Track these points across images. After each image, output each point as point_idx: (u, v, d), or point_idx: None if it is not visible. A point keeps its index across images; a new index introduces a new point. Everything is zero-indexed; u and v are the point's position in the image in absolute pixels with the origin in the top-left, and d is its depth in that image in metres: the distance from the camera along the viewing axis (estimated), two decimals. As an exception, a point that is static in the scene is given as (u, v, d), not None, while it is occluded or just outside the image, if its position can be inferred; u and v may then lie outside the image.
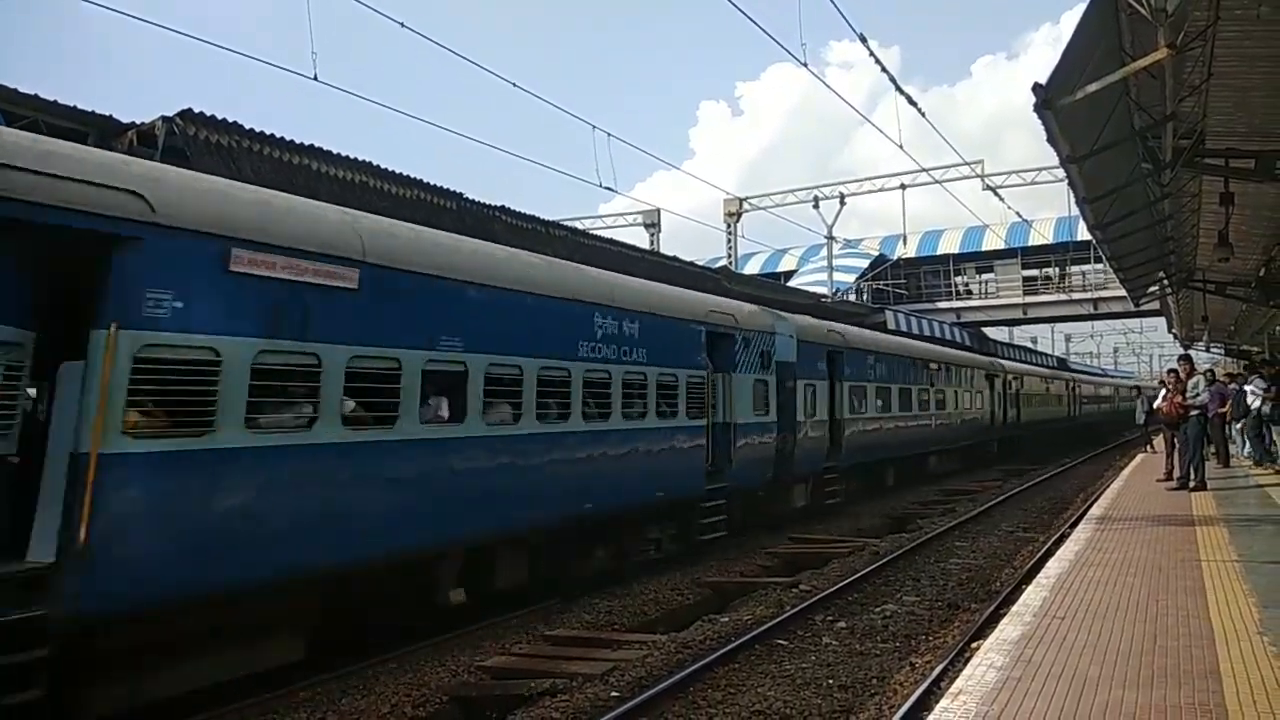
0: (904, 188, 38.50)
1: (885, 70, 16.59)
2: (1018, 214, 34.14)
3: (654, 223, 41.63)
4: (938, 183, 33.58)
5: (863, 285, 46.56)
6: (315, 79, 13.16)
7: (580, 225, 31.62)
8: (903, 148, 22.03)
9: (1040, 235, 42.14)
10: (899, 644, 9.04)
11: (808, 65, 17.12)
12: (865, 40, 15.67)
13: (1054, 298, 46.53)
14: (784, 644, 9.07)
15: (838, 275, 41.00)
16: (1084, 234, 24.23)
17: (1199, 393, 15.43)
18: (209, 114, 9.99)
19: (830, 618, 10.09)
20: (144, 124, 9.50)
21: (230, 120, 10.15)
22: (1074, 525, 13.18)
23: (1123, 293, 29.15)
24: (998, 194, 28.74)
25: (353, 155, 11.60)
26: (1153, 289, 25.05)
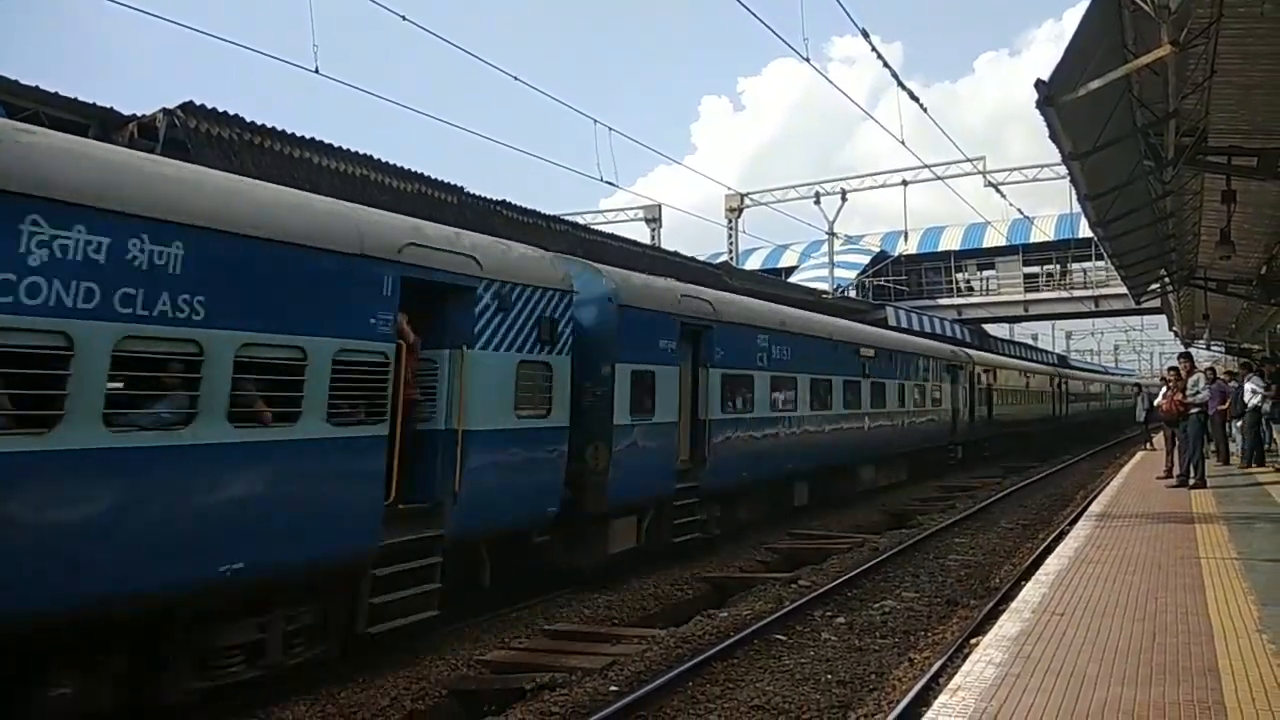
0: (905, 184, 38.37)
1: (888, 65, 16.60)
2: (1019, 211, 34.05)
3: (655, 218, 41.56)
4: (939, 179, 33.49)
5: (864, 282, 46.53)
6: (317, 72, 13.16)
7: (582, 220, 31.57)
8: (905, 143, 21.96)
9: (1042, 232, 42.13)
10: (898, 640, 9.07)
11: (810, 60, 17.08)
12: (868, 35, 15.65)
13: (1055, 295, 46.44)
14: (783, 639, 9.08)
15: (839, 272, 40.92)
16: (1085, 231, 24.10)
17: (1199, 390, 15.45)
18: (210, 106, 10.00)
19: (829, 613, 10.10)
20: (145, 116, 9.49)
21: (231, 113, 10.16)
22: (1074, 522, 13.19)
23: (1124, 290, 29.13)
24: (999, 190, 28.80)
25: (354, 149, 11.63)
26: (1154, 286, 25.06)
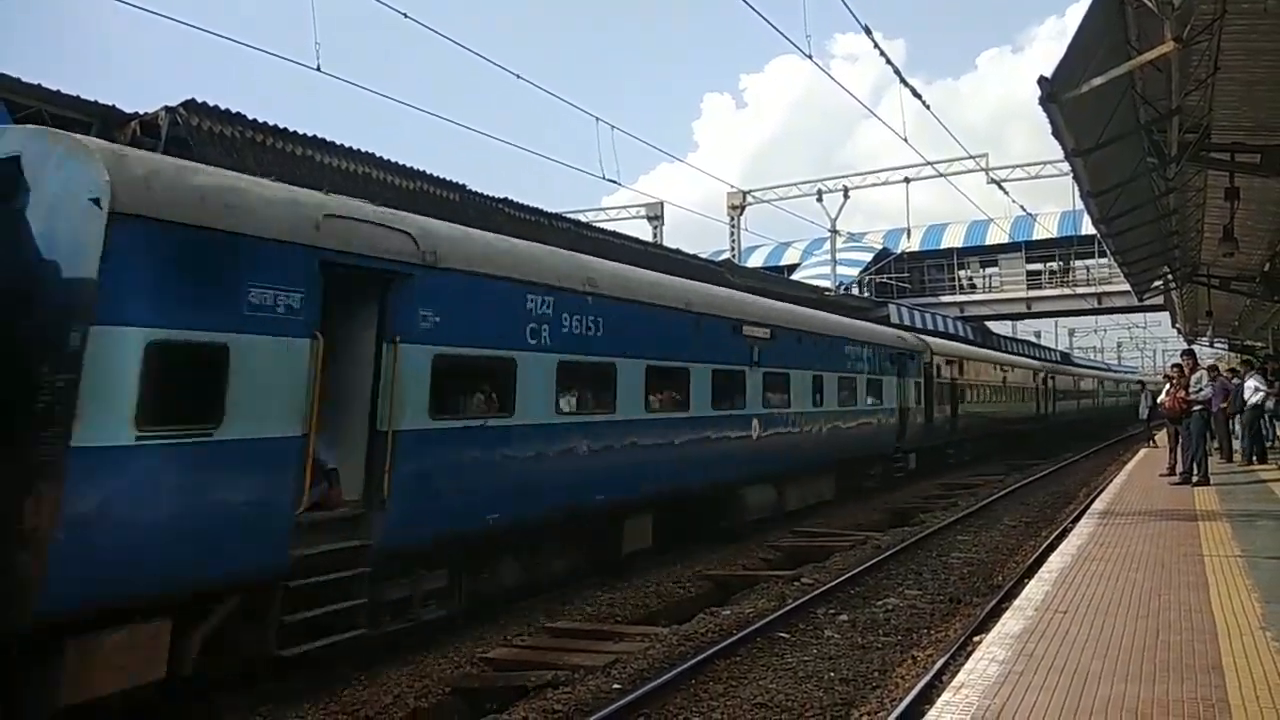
0: (908, 181, 38.31)
1: (890, 62, 16.51)
2: (1022, 208, 34.13)
3: (657, 215, 41.55)
4: (942, 176, 33.42)
5: (866, 279, 46.48)
6: (319, 70, 13.15)
7: (583, 217, 31.56)
8: (907, 141, 21.82)
9: (1044, 229, 42.05)
10: (901, 637, 9.07)
11: (812, 57, 17.05)
12: (870, 32, 15.58)
13: (1058, 292, 46.42)
14: (786, 637, 9.08)
15: (841, 269, 40.82)
16: (1088, 228, 24.11)
17: (1202, 387, 15.43)
18: (212, 104, 9.98)
19: (832, 611, 10.10)
20: (147, 114, 9.47)
21: (234, 111, 10.14)
22: (1076, 520, 13.17)
23: (1127, 287, 29.11)
24: (1002, 187, 28.82)
25: (356, 146, 11.61)
26: (1157, 284, 25.05)
